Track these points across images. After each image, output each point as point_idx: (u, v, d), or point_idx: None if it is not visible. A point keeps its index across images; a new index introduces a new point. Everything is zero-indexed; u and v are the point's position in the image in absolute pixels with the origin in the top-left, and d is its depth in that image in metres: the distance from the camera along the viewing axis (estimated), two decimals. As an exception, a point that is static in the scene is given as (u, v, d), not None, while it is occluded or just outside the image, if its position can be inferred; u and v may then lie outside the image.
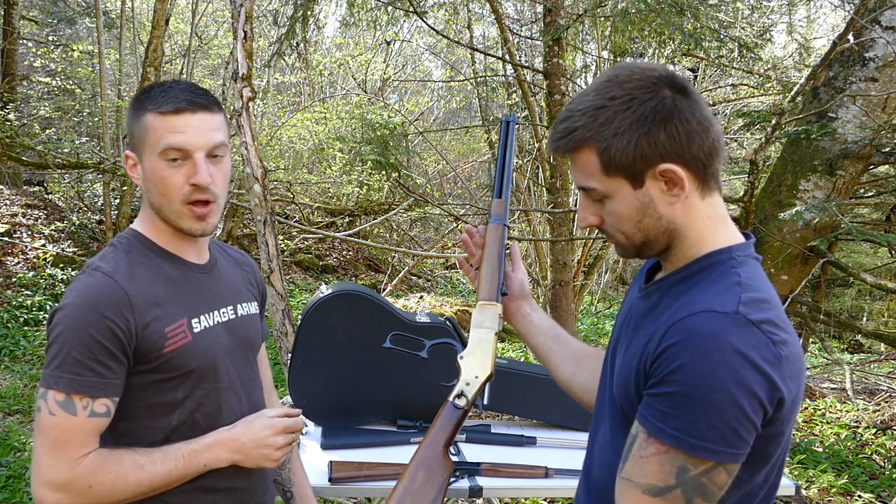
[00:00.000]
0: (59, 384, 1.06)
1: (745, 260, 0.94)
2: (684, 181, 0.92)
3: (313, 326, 2.04)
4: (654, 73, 0.93)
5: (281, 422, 1.21)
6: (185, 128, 1.13)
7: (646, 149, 0.91)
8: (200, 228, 1.18)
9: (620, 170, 0.93)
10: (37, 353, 5.63)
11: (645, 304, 1.02)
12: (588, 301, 10.91)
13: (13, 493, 3.36)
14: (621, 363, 1.00)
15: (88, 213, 8.58)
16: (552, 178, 5.04)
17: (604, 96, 0.92)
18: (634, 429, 0.90)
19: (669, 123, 0.90)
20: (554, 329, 1.30)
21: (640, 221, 0.95)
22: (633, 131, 0.90)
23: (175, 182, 1.14)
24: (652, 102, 0.90)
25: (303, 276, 9.90)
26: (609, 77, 0.94)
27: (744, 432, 0.83)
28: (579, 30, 6.36)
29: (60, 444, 1.06)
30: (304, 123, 10.10)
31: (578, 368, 1.26)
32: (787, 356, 0.84)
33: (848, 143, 3.93)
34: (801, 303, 4.48)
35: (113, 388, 1.10)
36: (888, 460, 4.21)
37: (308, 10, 4.68)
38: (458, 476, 1.84)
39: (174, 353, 1.14)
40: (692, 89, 0.93)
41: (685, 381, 0.83)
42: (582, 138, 0.93)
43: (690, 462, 0.84)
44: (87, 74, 9.34)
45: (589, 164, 0.95)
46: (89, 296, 1.09)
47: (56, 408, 1.06)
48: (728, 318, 0.84)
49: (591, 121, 0.92)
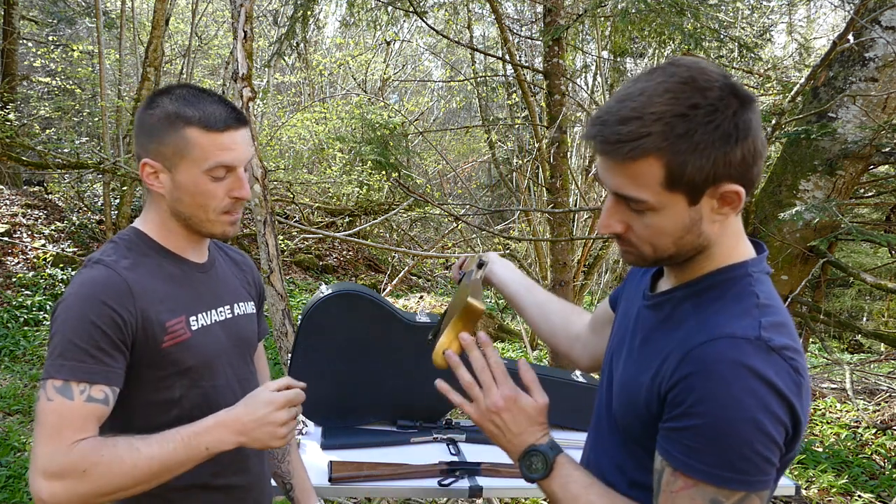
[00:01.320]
0: (59, 372, 1.05)
1: (760, 277, 0.91)
2: (741, 203, 0.86)
3: (313, 326, 2.04)
4: (723, 79, 0.83)
5: (282, 395, 1.14)
6: (233, 145, 1.15)
7: (720, 168, 0.82)
8: (233, 231, 1.21)
9: (685, 186, 0.84)
10: (37, 353, 5.64)
11: (654, 315, 0.97)
12: (588, 301, 10.91)
13: (13, 493, 3.36)
14: (625, 376, 0.97)
15: (88, 213, 8.58)
16: (552, 178, 5.04)
17: (684, 103, 0.81)
18: (659, 463, 0.87)
19: (745, 142, 0.83)
20: (525, 279, 1.41)
21: (681, 238, 0.88)
22: (716, 149, 0.81)
23: (218, 195, 1.16)
24: (735, 118, 0.82)
25: (303, 276, 9.90)
26: (685, 79, 0.83)
27: (773, 457, 0.81)
28: (579, 30, 6.36)
29: (56, 430, 1.04)
30: (304, 123, 10.11)
31: (545, 310, 1.37)
32: (805, 385, 0.83)
33: (848, 143, 3.93)
34: (801, 303, 4.48)
35: (113, 377, 1.08)
36: (888, 460, 4.21)
37: (308, 10, 4.68)
38: (457, 476, 1.84)
39: (172, 349, 1.14)
40: (750, 96, 0.84)
41: (709, 413, 0.80)
42: (654, 147, 0.82)
43: (721, 494, 0.81)
44: (87, 74, 9.34)
45: (649, 174, 0.84)
46: (92, 286, 1.09)
47: (53, 393, 1.04)
48: (750, 344, 0.81)
49: (667, 129, 0.81)
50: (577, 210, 6.23)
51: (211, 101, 1.15)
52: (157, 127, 1.14)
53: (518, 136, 8.60)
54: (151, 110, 1.15)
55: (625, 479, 0.97)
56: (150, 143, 1.15)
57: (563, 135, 5.02)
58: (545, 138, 5.26)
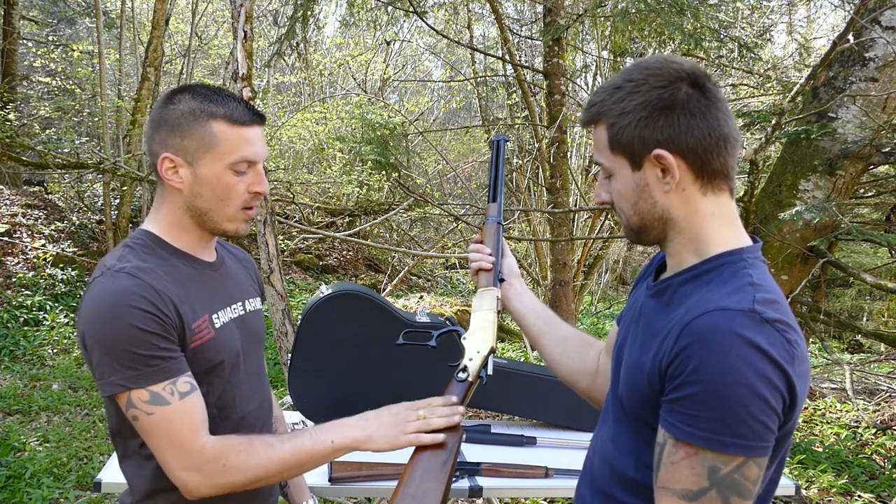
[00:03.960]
0: (137, 383, 1.06)
1: (754, 262, 0.95)
2: (675, 170, 0.94)
3: (313, 326, 2.04)
4: (678, 67, 0.95)
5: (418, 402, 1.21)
6: (255, 140, 1.18)
7: (644, 131, 0.94)
8: (246, 228, 1.24)
9: (622, 148, 0.97)
10: (37, 353, 5.64)
11: (655, 301, 1.02)
12: (588, 301, 10.92)
13: (13, 493, 3.36)
14: (630, 360, 1.01)
15: (88, 213, 8.59)
16: (552, 178, 5.04)
17: (624, 77, 0.97)
18: (661, 436, 0.90)
19: (672, 113, 0.93)
20: (545, 311, 1.35)
21: (635, 203, 0.99)
22: (637, 113, 0.94)
23: (239, 189, 1.18)
24: (660, 91, 0.93)
25: (303, 276, 9.91)
26: (638, 63, 0.99)
27: (771, 423, 0.83)
28: (579, 30, 6.36)
29: (175, 438, 1.07)
30: (304, 123, 10.10)
31: (564, 349, 1.30)
32: (799, 356, 0.85)
33: (848, 143, 3.93)
34: (801, 303, 4.48)
35: (185, 364, 1.11)
36: (888, 460, 4.21)
37: (308, 10, 4.68)
38: (458, 476, 1.84)
39: (199, 349, 1.15)
40: (712, 89, 0.95)
41: (706, 380, 0.83)
42: (597, 113, 0.99)
43: (720, 460, 0.84)
44: (87, 74, 9.34)
45: (600, 139, 1.00)
46: (122, 296, 1.08)
47: (148, 406, 1.06)
48: (744, 314, 0.85)
49: (607, 97, 0.97)
50: (577, 210, 6.24)
51: (231, 99, 1.17)
52: (180, 121, 1.15)
53: (518, 136, 8.60)
54: (173, 105, 1.16)
55: (640, 464, 0.98)
56: (172, 138, 1.15)
57: (563, 135, 5.02)
58: (545, 138, 5.26)
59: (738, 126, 4.33)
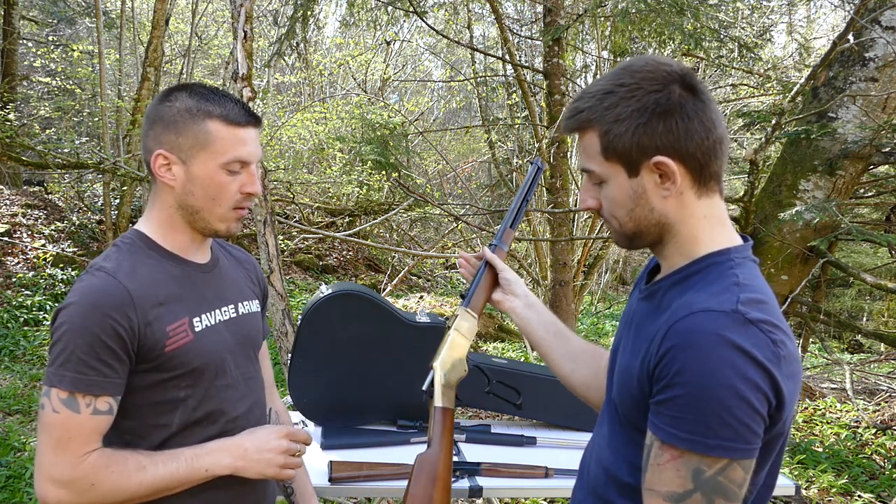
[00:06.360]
0: (62, 382, 1.07)
1: (742, 262, 0.95)
2: (676, 175, 0.93)
3: (313, 326, 2.04)
4: (668, 68, 0.93)
5: (286, 428, 1.23)
6: (250, 140, 1.19)
7: (643, 138, 0.92)
8: (238, 228, 1.24)
9: (618, 155, 0.95)
10: (37, 353, 5.64)
11: (646, 305, 1.02)
12: (588, 301, 10.92)
13: (13, 493, 3.36)
14: (623, 364, 1.01)
15: (88, 213, 8.59)
16: (552, 178, 5.04)
17: (614, 82, 0.94)
18: (648, 438, 0.90)
19: (669, 118, 0.91)
20: (554, 325, 1.32)
21: (632, 210, 0.97)
22: (633, 119, 0.92)
23: (231, 189, 1.18)
24: (656, 95, 0.92)
25: (303, 276, 9.91)
26: (625, 66, 0.96)
27: (755, 425, 0.83)
28: (579, 30, 6.36)
29: (64, 442, 1.07)
30: (304, 123, 10.10)
31: (577, 364, 1.28)
32: (785, 356, 0.85)
33: (848, 143, 3.93)
34: (801, 303, 4.48)
35: (115, 387, 1.11)
36: (888, 460, 4.21)
37: (308, 10, 4.68)
38: (458, 476, 1.84)
39: (175, 353, 1.15)
40: (703, 90, 0.94)
41: (689, 382, 0.83)
42: (586, 120, 0.96)
43: (704, 462, 0.83)
44: (87, 74, 9.34)
45: (591, 146, 0.97)
46: (93, 296, 1.09)
47: (60, 405, 1.07)
48: (727, 316, 0.84)
49: (597, 103, 0.95)
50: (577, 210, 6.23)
51: (228, 99, 1.18)
52: (176, 118, 1.15)
53: (518, 136, 8.60)
54: (170, 103, 1.16)
55: (634, 469, 0.97)
56: (167, 135, 1.16)
57: (563, 135, 5.01)
58: (545, 138, 5.25)
59: (738, 126, 4.38)
